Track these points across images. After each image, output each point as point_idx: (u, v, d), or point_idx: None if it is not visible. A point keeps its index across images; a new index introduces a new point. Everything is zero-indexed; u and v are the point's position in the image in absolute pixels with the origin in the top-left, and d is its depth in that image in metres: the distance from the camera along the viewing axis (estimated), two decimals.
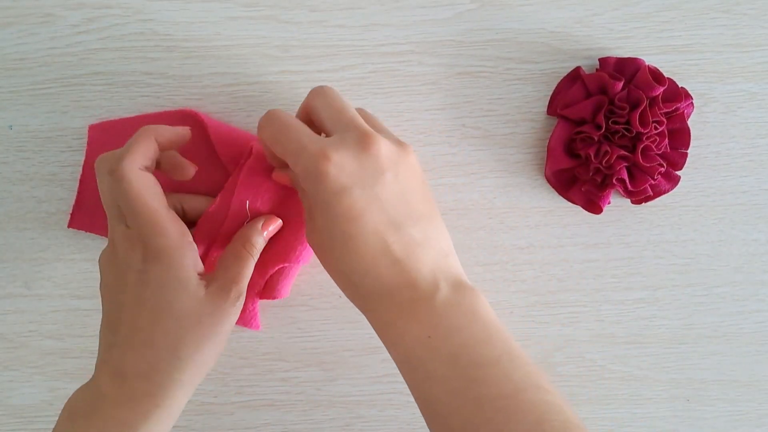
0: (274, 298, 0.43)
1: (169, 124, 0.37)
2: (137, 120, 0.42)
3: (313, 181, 0.33)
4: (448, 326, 0.33)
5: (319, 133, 0.35)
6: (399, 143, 0.35)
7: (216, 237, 0.40)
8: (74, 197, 0.43)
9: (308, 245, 0.40)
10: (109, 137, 0.42)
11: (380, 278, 0.34)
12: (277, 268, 0.42)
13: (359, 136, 0.33)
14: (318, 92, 0.36)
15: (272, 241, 0.40)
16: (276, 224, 0.40)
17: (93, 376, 0.36)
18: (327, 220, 0.33)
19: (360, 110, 0.38)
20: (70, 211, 0.43)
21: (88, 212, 0.43)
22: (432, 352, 0.33)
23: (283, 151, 0.34)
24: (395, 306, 0.34)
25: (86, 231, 0.43)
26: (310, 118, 0.36)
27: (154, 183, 0.35)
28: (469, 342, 0.33)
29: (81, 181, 0.42)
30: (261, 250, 0.39)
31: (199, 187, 0.41)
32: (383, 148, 0.34)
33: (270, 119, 0.35)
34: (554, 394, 0.33)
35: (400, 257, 0.33)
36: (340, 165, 0.33)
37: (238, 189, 0.40)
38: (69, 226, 0.43)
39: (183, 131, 0.37)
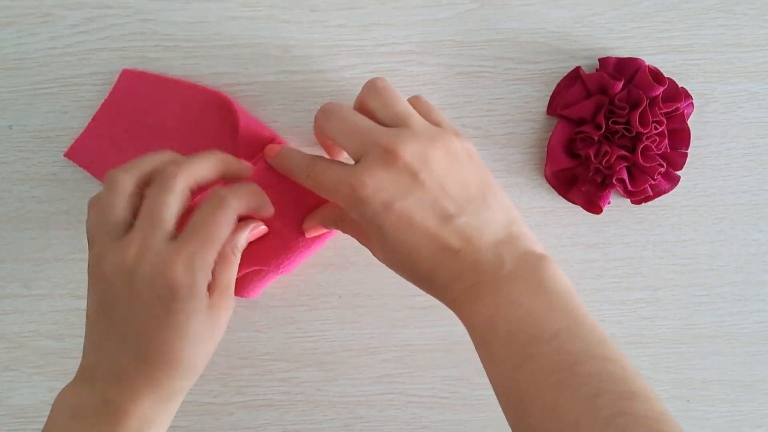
0: (241, 296, 0.42)
1: (203, 101, 0.40)
2: (172, 84, 0.41)
3: (357, 209, 0.35)
4: (509, 301, 0.33)
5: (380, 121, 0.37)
6: (427, 137, 0.35)
7: None
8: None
9: (295, 259, 0.41)
10: (138, 88, 0.42)
11: (448, 270, 0.34)
12: (253, 269, 0.41)
13: (382, 153, 0.34)
14: (327, 116, 0.37)
15: (260, 241, 0.41)
16: (260, 230, 0.41)
17: (90, 378, 0.36)
18: (382, 237, 0.35)
19: (414, 99, 0.38)
20: (72, 144, 0.42)
21: (90, 151, 0.42)
22: (492, 331, 0.33)
23: (322, 190, 0.36)
24: (464, 291, 0.35)
25: (80, 165, 0.42)
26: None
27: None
28: (527, 317, 0.33)
29: (94, 119, 0.42)
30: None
31: None
32: (408, 153, 0.34)
33: (313, 169, 0.36)
34: (618, 362, 0.32)
35: (458, 247, 0.34)
36: (376, 185, 0.34)
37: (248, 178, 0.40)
38: (65, 155, 0.42)
39: (246, 169, 0.38)
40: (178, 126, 0.42)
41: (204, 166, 0.36)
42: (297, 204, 0.41)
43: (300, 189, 0.39)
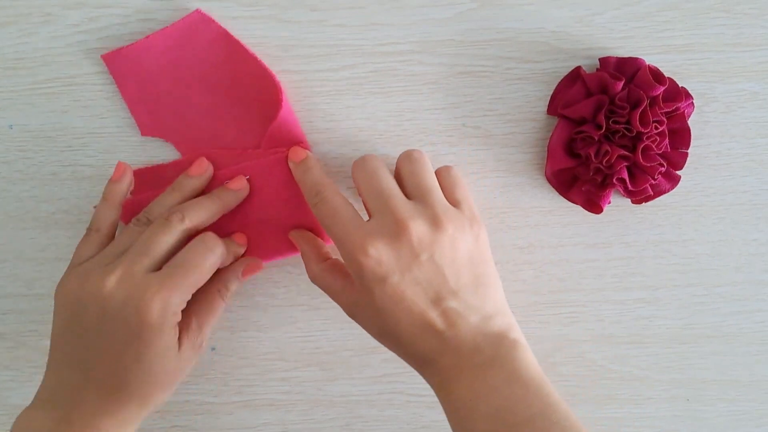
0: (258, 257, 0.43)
1: (255, 75, 0.41)
2: (236, 45, 0.41)
3: (354, 270, 0.36)
4: (487, 387, 0.35)
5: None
6: (439, 220, 0.36)
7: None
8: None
9: (282, 257, 0.42)
10: (202, 32, 0.41)
11: (425, 347, 0.36)
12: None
13: (392, 223, 0.35)
14: (362, 166, 0.38)
15: (258, 235, 0.42)
16: (257, 271, 0.42)
17: (49, 401, 0.36)
18: (371, 302, 0.36)
19: (444, 170, 0.40)
20: (115, 49, 0.41)
21: (127, 65, 0.41)
22: (472, 413, 0.35)
23: (330, 231, 0.37)
24: (441, 371, 0.36)
25: (111, 72, 0.42)
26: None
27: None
28: (505, 403, 0.34)
29: (148, 38, 0.41)
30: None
31: (226, 129, 0.42)
32: (416, 233, 0.35)
33: (324, 203, 0.37)
34: None
35: (441, 329, 0.36)
36: (377, 257, 0.35)
37: (255, 164, 0.41)
38: (103, 56, 0.41)
39: (240, 196, 0.41)
40: (221, 83, 0.42)
41: (208, 214, 0.39)
42: (297, 205, 0.41)
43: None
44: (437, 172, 0.39)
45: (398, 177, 0.39)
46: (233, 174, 0.41)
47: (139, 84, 0.42)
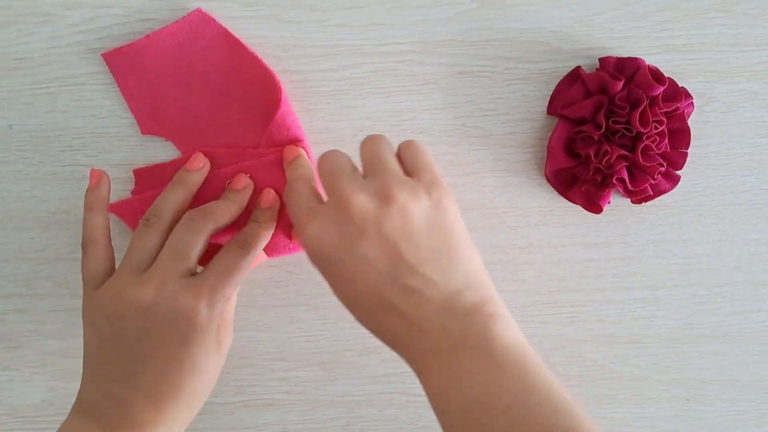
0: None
1: (255, 74, 0.41)
2: (236, 44, 0.41)
3: (307, 254, 0.35)
4: (459, 375, 0.32)
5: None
6: (388, 191, 0.33)
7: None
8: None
9: (282, 254, 0.43)
10: (202, 31, 0.41)
11: (394, 334, 0.33)
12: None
13: (335, 201, 0.33)
14: (325, 156, 0.36)
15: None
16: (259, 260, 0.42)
17: (93, 414, 0.36)
18: (327, 283, 0.34)
19: (404, 143, 0.37)
20: (116, 48, 0.41)
21: (127, 63, 0.41)
22: (447, 404, 0.32)
23: (291, 214, 0.36)
24: (414, 360, 0.33)
25: (110, 69, 0.42)
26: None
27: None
28: (480, 392, 0.31)
29: (148, 37, 0.41)
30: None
31: (226, 128, 0.42)
32: (358, 207, 0.32)
33: (289, 191, 0.36)
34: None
35: (403, 310, 0.32)
36: (317, 235, 0.33)
37: (255, 163, 0.41)
38: (103, 54, 0.41)
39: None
40: (221, 82, 0.42)
41: (228, 216, 0.39)
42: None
43: None
44: (399, 147, 0.37)
45: (361, 163, 0.36)
46: (233, 173, 0.41)
47: (139, 82, 0.42)
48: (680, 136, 0.43)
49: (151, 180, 0.42)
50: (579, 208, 0.44)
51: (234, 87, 0.42)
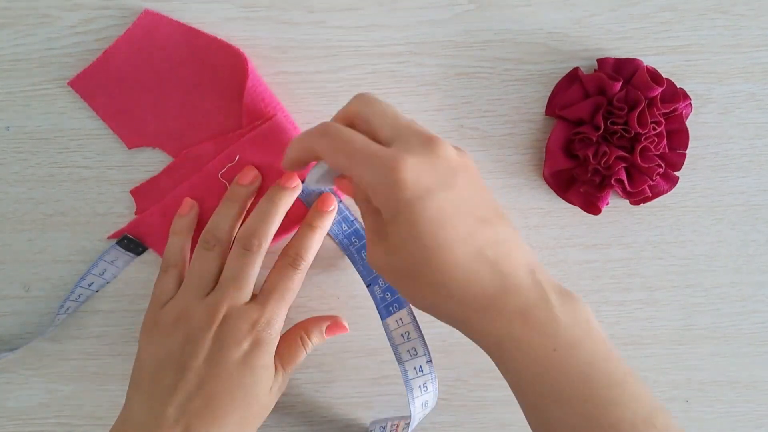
0: None
1: (219, 55, 0.41)
2: (191, 32, 0.41)
3: (389, 192, 0.30)
4: (569, 339, 0.30)
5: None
6: (458, 149, 0.33)
7: (186, 176, 0.42)
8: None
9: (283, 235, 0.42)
10: (156, 30, 0.41)
11: (483, 287, 0.31)
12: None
13: (424, 140, 0.31)
14: (367, 100, 0.33)
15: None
16: (340, 332, 0.42)
17: None
18: (412, 231, 0.30)
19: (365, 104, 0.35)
20: (78, 73, 0.41)
21: (94, 84, 0.42)
22: (560, 368, 0.30)
23: (347, 164, 0.31)
24: (505, 317, 0.30)
25: (81, 96, 0.42)
26: (353, 125, 0.34)
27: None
28: (594, 359, 0.30)
29: (106, 53, 0.41)
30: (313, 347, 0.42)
31: (205, 119, 0.42)
32: (449, 149, 0.31)
33: (327, 132, 0.32)
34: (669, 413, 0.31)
35: (494, 259, 0.31)
36: (417, 171, 0.30)
37: (240, 143, 0.41)
38: (69, 83, 0.42)
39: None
40: (188, 75, 0.42)
41: (275, 227, 0.39)
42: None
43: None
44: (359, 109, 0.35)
45: (358, 125, 0.33)
46: (222, 161, 0.41)
47: (111, 100, 0.42)
48: (678, 137, 0.43)
49: (149, 195, 0.43)
50: (577, 209, 0.44)
51: (203, 75, 0.42)
